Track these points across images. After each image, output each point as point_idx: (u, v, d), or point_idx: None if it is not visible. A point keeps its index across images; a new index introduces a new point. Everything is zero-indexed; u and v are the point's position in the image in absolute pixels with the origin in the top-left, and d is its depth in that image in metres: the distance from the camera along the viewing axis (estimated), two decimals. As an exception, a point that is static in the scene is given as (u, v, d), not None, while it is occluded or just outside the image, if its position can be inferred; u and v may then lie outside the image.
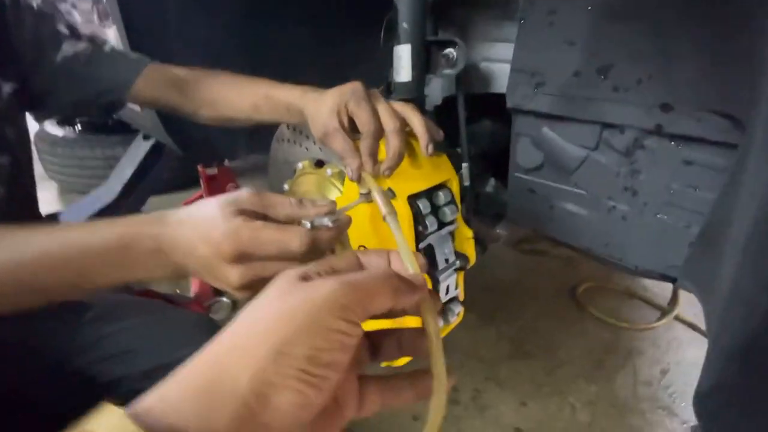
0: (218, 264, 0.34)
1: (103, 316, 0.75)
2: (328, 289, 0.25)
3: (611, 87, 0.63)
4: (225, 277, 0.35)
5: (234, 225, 0.34)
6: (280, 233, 0.34)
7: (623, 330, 1.29)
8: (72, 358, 0.71)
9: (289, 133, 0.71)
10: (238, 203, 0.35)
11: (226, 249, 0.33)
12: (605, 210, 0.72)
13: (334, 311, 0.25)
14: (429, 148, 0.46)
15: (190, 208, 0.37)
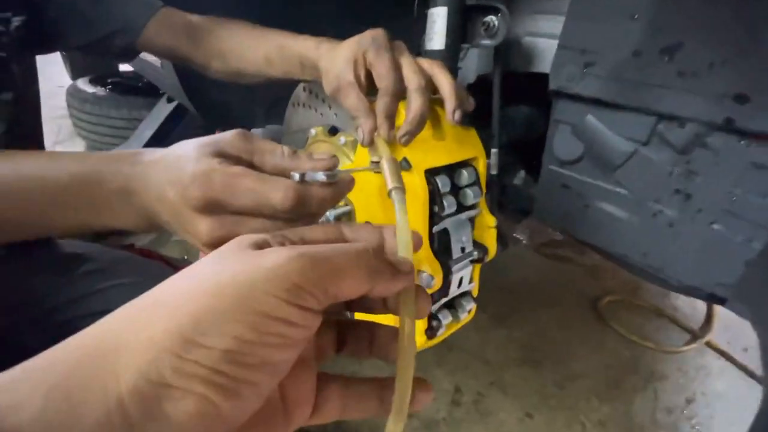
0: (185, 212, 0.29)
1: (99, 271, 0.73)
2: (277, 260, 0.19)
3: (676, 71, 0.54)
4: (193, 229, 0.29)
5: (206, 166, 0.28)
6: (259, 182, 0.28)
7: (647, 350, 1.19)
8: (62, 309, 0.69)
9: (304, 97, 0.65)
10: (219, 144, 0.30)
11: (194, 193, 0.28)
12: (649, 214, 0.63)
13: (279, 291, 0.18)
14: (456, 115, 0.39)
15: (169, 148, 0.31)
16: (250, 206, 0.28)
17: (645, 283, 1.47)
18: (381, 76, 0.38)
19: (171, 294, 0.20)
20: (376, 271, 0.22)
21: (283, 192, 0.27)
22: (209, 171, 0.28)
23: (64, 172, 0.32)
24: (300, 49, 0.50)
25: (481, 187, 0.46)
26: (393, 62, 0.38)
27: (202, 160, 0.28)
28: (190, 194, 0.28)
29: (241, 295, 0.18)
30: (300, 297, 0.19)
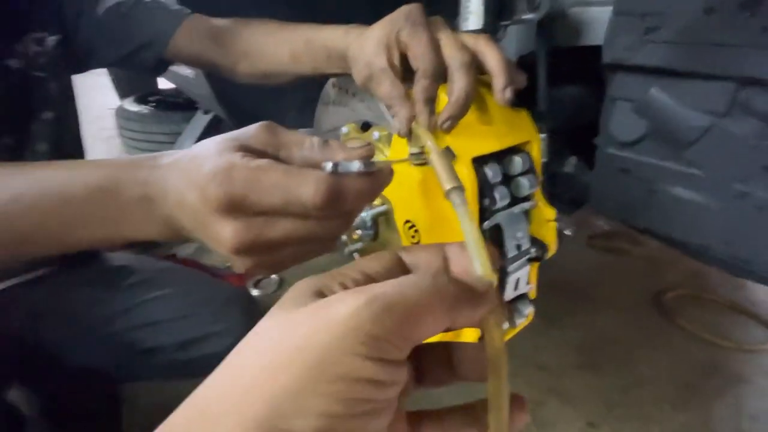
0: (206, 216, 0.25)
1: (143, 283, 0.75)
2: (348, 311, 0.17)
3: (760, 27, 0.46)
4: (216, 234, 0.26)
5: (227, 162, 0.24)
6: (287, 176, 0.24)
7: (722, 349, 1.07)
8: (110, 322, 0.71)
9: (334, 93, 0.61)
10: (241, 139, 0.26)
11: (214, 192, 0.24)
12: (731, 197, 0.55)
13: (357, 347, 0.16)
14: (507, 92, 0.34)
15: (191, 148, 0.28)
16: (277, 204, 0.24)
17: (713, 275, 1.33)
18: (417, 57, 0.34)
19: (240, 375, 0.17)
20: (456, 302, 0.19)
21: (314, 185, 0.23)
22: (230, 167, 0.24)
23: (81, 184, 0.30)
24: (326, 40, 0.46)
25: (536, 175, 0.40)
26: (431, 40, 0.34)
27: (222, 155, 0.25)
28: (209, 194, 0.24)
29: (319, 361, 0.16)
30: (380, 349, 0.16)
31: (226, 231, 0.25)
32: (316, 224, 0.26)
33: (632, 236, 1.48)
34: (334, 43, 0.45)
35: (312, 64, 0.50)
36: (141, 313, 0.71)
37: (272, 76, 0.57)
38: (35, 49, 0.57)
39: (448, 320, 0.19)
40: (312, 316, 0.17)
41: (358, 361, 0.16)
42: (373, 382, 0.16)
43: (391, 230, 0.55)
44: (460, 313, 0.19)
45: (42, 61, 0.59)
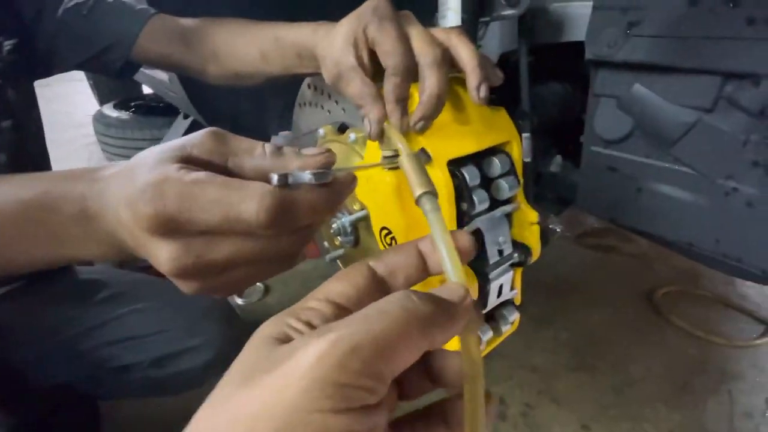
0: (140, 235, 0.23)
1: (116, 297, 0.72)
2: (311, 361, 0.15)
3: (744, 18, 0.45)
4: (153, 257, 0.23)
5: (160, 175, 0.22)
6: (226, 190, 0.21)
7: (715, 346, 1.06)
8: (82, 338, 0.68)
9: (309, 94, 0.59)
10: (185, 148, 0.24)
11: (143, 210, 0.22)
12: (721, 193, 0.53)
13: (324, 402, 0.15)
14: (481, 90, 0.32)
15: (133, 158, 0.26)
16: (216, 222, 0.21)
17: (704, 271, 1.33)
18: (387, 53, 0.32)
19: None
20: (431, 323, 0.18)
21: (257, 201, 0.21)
22: (162, 181, 0.22)
23: (14, 200, 0.27)
24: (296, 38, 0.44)
25: (517, 176, 0.38)
26: (400, 35, 0.32)
27: (157, 167, 0.22)
28: (139, 212, 0.22)
29: (279, 428, 0.14)
30: (349, 398, 0.15)
31: (162, 253, 0.22)
32: (267, 243, 0.23)
33: (622, 233, 1.47)
34: (303, 41, 0.43)
35: (282, 63, 0.48)
36: (114, 329, 0.68)
37: (243, 77, 0.55)
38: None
39: (425, 343, 0.18)
40: (272, 375, 0.16)
41: (327, 418, 0.14)
42: None
43: (372, 236, 0.53)
44: (438, 332, 0.18)
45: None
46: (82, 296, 0.70)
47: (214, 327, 0.68)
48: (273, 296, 1.23)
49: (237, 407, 0.16)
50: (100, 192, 0.25)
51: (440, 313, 0.18)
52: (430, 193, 0.25)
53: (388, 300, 0.18)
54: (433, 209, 0.24)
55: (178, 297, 0.74)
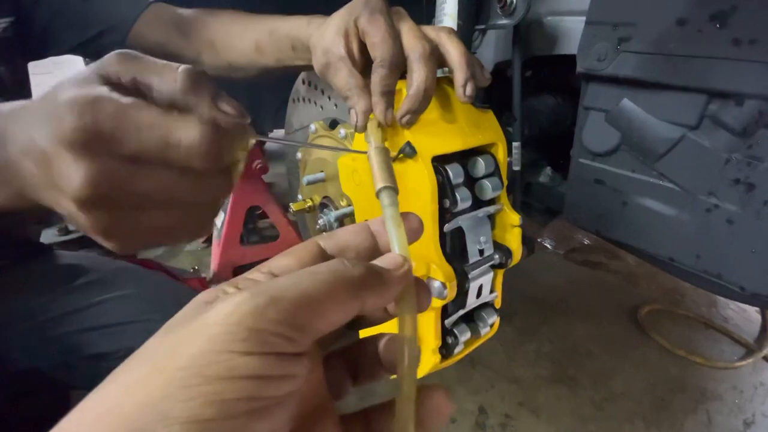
0: (56, 152, 0.21)
1: (96, 283, 0.70)
2: (227, 309, 0.15)
3: (730, 40, 0.46)
4: (63, 177, 0.21)
5: (93, 93, 0.21)
6: (165, 116, 0.21)
7: (696, 366, 1.07)
8: (58, 323, 0.66)
9: (303, 90, 0.60)
10: (102, 68, 0.22)
11: (70, 122, 0.20)
12: (702, 210, 0.54)
13: (233, 344, 0.15)
14: (468, 88, 0.32)
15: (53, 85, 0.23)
16: (152, 147, 0.21)
17: (688, 291, 1.34)
18: (376, 45, 0.32)
19: (103, 398, 0.15)
20: (360, 287, 0.18)
21: (199, 129, 0.21)
22: (96, 98, 0.20)
23: None
24: (290, 30, 0.44)
25: (501, 178, 0.39)
26: (390, 28, 0.32)
27: (85, 87, 0.21)
28: (65, 125, 0.20)
29: (187, 366, 0.14)
30: (264, 343, 0.15)
31: (78, 172, 0.20)
32: (194, 181, 0.22)
33: (610, 250, 1.49)
34: (297, 32, 0.43)
35: (276, 55, 0.48)
36: (92, 315, 0.66)
37: (237, 68, 0.55)
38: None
39: (356, 304, 0.18)
40: (188, 325, 0.16)
41: (236, 358, 0.14)
42: (255, 378, 0.15)
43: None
44: (369, 295, 0.18)
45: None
46: (61, 280, 0.69)
47: None
48: (258, 295, 1.22)
49: (148, 352, 0.16)
50: (7, 117, 0.24)
51: (372, 277, 0.19)
52: (390, 188, 0.25)
53: (320, 264, 0.19)
54: (390, 204, 0.24)
55: (159, 286, 0.73)
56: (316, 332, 0.17)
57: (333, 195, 0.55)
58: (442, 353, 0.41)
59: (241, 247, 1.21)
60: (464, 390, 0.95)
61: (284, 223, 1.25)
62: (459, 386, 0.96)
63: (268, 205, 1.24)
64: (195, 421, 0.13)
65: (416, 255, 0.37)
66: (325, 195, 0.57)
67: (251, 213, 1.24)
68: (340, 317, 0.17)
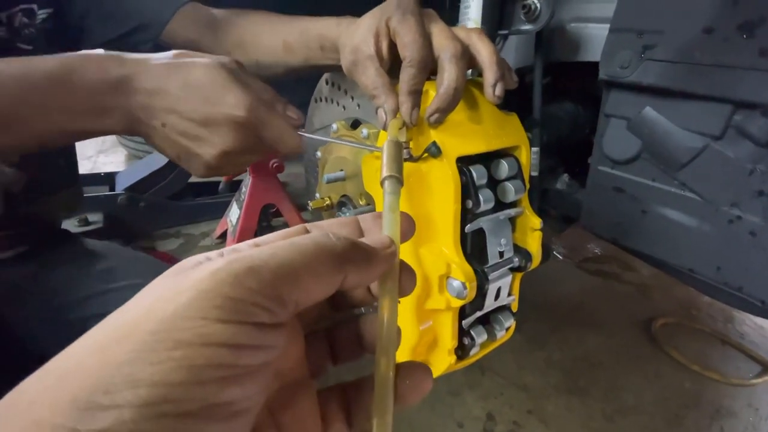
0: (220, 122, 0.34)
1: (113, 270, 0.72)
2: (204, 274, 0.15)
3: (757, 50, 0.46)
4: (214, 139, 0.35)
5: (253, 97, 0.35)
6: (285, 123, 0.36)
7: (710, 382, 1.05)
8: (75, 306, 0.68)
9: (326, 90, 0.61)
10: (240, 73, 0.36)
11: (240, 113, 0.34)
12: (724, 221, 0.54)
13: (208, 311, 0.14)
14: (498, 88, 0.33)
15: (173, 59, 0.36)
16: (269, 137, 0.36)
17: (704, 305, 1.32)
18: (406, 45, 0.33)
19: (71, 354, 0.15)
20: (343, 260, 0.18)
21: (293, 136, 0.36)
22: (253, 102, 0.35)
23: (38, 71, 0.32)
24: (319, 30, 0.45)
25: (523, 181, 0.39)
26: (421, 29, 0.33)
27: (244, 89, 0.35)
28: (234, 113, 0.34)
29: (158, 329, 0.14)
30: (241, 312, 0.15)
31: (229, 134, 0.35)
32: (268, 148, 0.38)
33: (624, 261, 1.47)
34: (326, 32, 0.44)
35: (305, 54, 0.49)
36: (109, 300, 0.68)
37: (264, 67, 0.56)
38: (23, 20, 0.55)
39: (338, 278, 0.18)
40: (169, 286, 0.16)
41: (210, 324, 0.14)
42: (229, 346, 0.14)
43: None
44: (352, 269, 0.18)
45: (28, 32, 0.57)
46: (83, 264, 0.70)
47: None
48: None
49: (121, 315, 0.16)
50: (141, 69, 0.35)
51: (355, 251, 0.18)
52: (395, 178, 0.26)
53: (304, 235, 0.18)
54: (391, 192, 0.24)
55: None
56: (296, 304, 0.16)
57: (352, 193, 0.56)
58: (459, 354, 0.41)
59: (254, 244, 1.22)
60: (473, 396, 0.95)
61: (297, 221, 1.27)
62: (468, 392, 0.96)
63: (283, 203, 1.25)
64: (162, 384, 0.13)
65: (437, 254, 0.37)
66: (343, 194, 0.58)
67: (265, 211, 1.26)
68: (321, 290, 0.17)
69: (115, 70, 0.34)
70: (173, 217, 1.48)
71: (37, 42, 0.58)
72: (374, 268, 0.19)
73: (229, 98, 0.34)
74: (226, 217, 1.36)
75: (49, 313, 0.64)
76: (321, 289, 0.17)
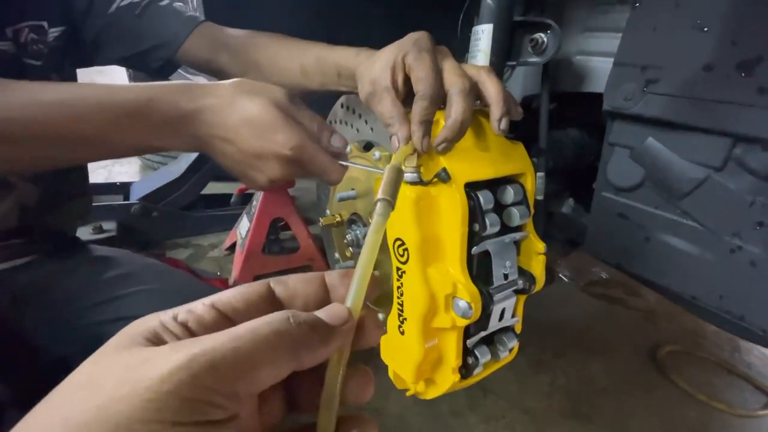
0: (266, 158, 0.39)
1: (125, 276, 0.73)
2: (162, 373, 0.15)
3: (755, 88, 0.48)
4: (264, 169, 0.41)
5: (300, 137, 0.39)
6: (329, 159, 0.41)
7: (716, 412, 1.03)
8: (90, 312, 0.69)
9: (341, 113, 0.63)
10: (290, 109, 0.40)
11: (290, 152, 0.39)
12: (725, 250, 0.55)
13: (167, 414, 0.14)
14: (503, 123, 0.35)
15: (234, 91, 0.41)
16: (315, 171, 0.40)
17: (710, 334, 1.31)
18: (419, 80, 0.35)
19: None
20: (300, 346, 0.18)
21: (338, 172, 0.41)
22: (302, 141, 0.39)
23: (123, 99, 0.38)
24: (338, 58, 0.48)
25: (528, 206, 0.41)
26: (434, 65, 0.35)
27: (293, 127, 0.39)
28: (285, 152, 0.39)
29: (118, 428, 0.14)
30: (196, 412, 0.15)
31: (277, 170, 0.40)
32: None
33: (630, 286, 1.46)
34: (345, 61, 0.47)
35: (321, 79, 0.52)
36: (120, 306, 0.68)
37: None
38: (31, 36, 0.57)
39: (292, 365, 0.18)
40: (119, 381, 0.15)
41: (167, 428, 0.14)
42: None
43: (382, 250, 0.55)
44: (306, 354, 0.18)
45: (36, 48, 0.58)
46: (95, 271, 0.71)
47: None
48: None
49: (72, 409, 0.15)
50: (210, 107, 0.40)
51: (313, 337, 0.18)
52: (388, 202, 0.26)
53: (263, 320, 0.18)
54: (381, 214, 0.25)
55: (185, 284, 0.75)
56: (249, 396, 0.17)
57: (362, 212, 0.58)
58: (462, 373, 0.42)
59: (262, 256, 1.24)
60: (475, 418, 0.94)
61: (305, 236, 1.29)
62: (470, 414, 0.95)
63: (291, 217, 1.28)
64: None
65: (444, 274, 0.39)
66: (354, 212, 0.60)
67: (274, 224, 1.28)
68: (273, 379, 0.17)
69: (185, 104, 0.39)
70: (185, 227, 1.51)
71: (46, 58, 0.59)
72: (330, 348, 0.19)
73: (278, 137, 0.38)
74: (235, 229, 1.39)
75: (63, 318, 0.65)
76: (275, 377, 0.17)
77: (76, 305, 0.65)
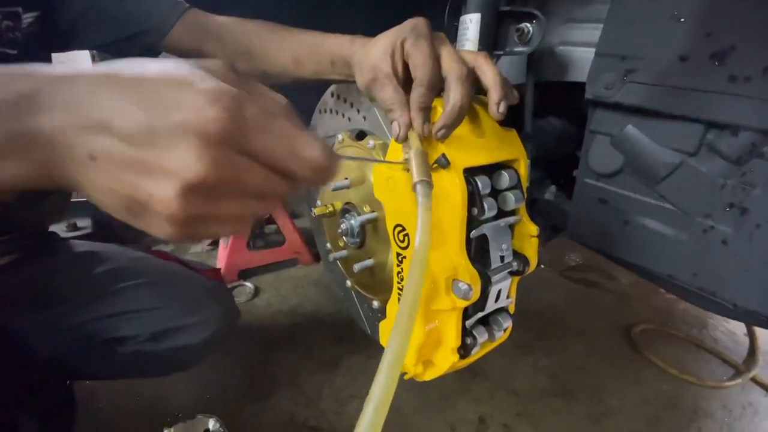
0: (180, 138, 0.20)
1: (116, 271, 0.71)
2: None
3: (727, 76, 0.51)
4: (168, 164, 0.20)
5: (234, 92, 0.22)
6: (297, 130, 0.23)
7: (687, 384, 1.10)
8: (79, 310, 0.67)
9: (332, 102, 0.63)
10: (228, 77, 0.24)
11: (213, 114, 0.20)
12: (699, 231, 0.58)
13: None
14: (501, 107, 0.36)
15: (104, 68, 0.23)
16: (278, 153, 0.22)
17: (679, 312, 1.38)
18: (417, 66, 0.36)
19: None
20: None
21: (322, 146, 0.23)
22: (241, 98, 0.21)
23: None
24: (332, 47, 0.48)
25: (522, 191, 0.42)
26: (432, 52, 0.36)
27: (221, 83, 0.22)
28: (205, 114, 0.20)
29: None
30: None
31: (202, 159, 0.20)
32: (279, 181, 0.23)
33: (605, 270, 1.53)
34: (339, 49, 0.47)
35: (314, 68, 0.51)
36: (113, 302, 0.66)
37: (270, 77, 0.58)
38: (6, 23, 0.53)
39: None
40: None
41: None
42: None
43: (377, 238, 0.56)
44: None
45: (12, 36, 0.55)
46: (83, 268, 0.69)
47: (213, 306, 0.67)
48: (262, 297, 1.23)
49: None
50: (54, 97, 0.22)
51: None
52: (427, 182, 0.29)
53: None
54: (425, 195, 0.28)
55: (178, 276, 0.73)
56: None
57: (356, 201, 0.58)
58: (461, 353, 0.44)
59: (247, 251, 1.23)
60: (465, 400, 0.97)
61: (291, 229, 1.28)
62: (460, 396, 0.98)
63: (276, 210, 1.26)
64: None
65: (444, 258, 0.40)
66: (347, 201, 0.60)
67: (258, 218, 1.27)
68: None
69: (17, 84, 0.23)
70: (163, 223, 1.47)
71: (22, 45, 0.56)
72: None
73: (188, 95, 0.21)
74: (217, 225, 1.36)
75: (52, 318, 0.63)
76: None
77: (66, 304, 0.63)
